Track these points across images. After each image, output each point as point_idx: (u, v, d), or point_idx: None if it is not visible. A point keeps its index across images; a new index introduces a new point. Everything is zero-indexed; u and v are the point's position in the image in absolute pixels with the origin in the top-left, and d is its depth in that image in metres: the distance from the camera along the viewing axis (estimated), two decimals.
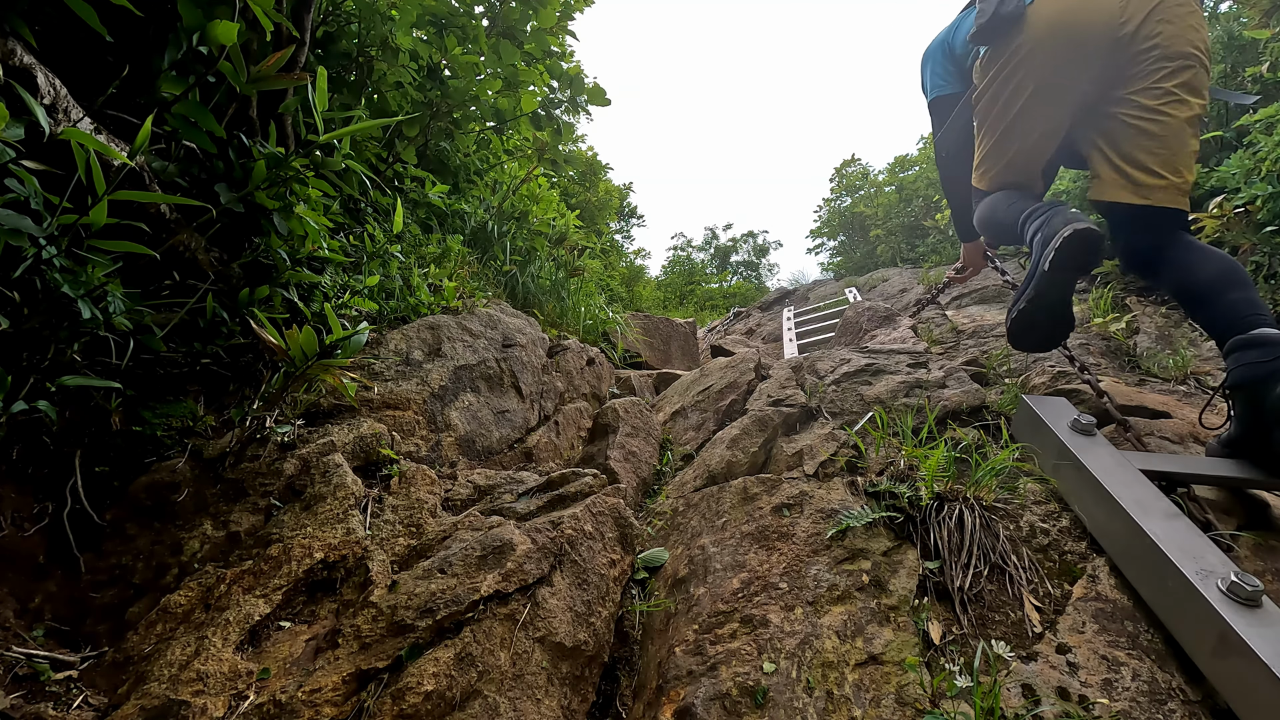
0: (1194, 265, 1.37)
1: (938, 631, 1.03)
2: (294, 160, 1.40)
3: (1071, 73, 1.46)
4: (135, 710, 0.86)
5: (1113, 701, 0.88)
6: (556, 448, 1.88)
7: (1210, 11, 4.83)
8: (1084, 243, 1.31)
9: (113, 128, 1.27)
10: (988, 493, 1.28)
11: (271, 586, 1.07)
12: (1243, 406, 1.21)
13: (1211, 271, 1.35)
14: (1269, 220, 2.42)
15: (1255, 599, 0.88)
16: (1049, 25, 1.45)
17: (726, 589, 1.16)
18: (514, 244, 2.96)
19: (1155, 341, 2.67)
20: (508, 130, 3.12)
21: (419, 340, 1.83)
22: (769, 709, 0.92)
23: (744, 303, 9.22)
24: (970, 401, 1.71)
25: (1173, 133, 1.38)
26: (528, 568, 1.09)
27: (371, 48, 2.16)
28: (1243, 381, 1.18)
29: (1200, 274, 1.36)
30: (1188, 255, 1.39)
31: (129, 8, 1.06)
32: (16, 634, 0.97)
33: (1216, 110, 3.39)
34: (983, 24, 1.54)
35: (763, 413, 1.82)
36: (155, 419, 1.27)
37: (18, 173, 0.93)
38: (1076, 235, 1.31)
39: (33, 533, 1.08)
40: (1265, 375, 1.14)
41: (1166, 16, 1.36)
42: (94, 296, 1.04)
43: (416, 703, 0.87)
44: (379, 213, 2.25)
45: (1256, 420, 1.17)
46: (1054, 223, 1.37)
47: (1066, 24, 1.43)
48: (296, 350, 1.25)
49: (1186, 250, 1.40)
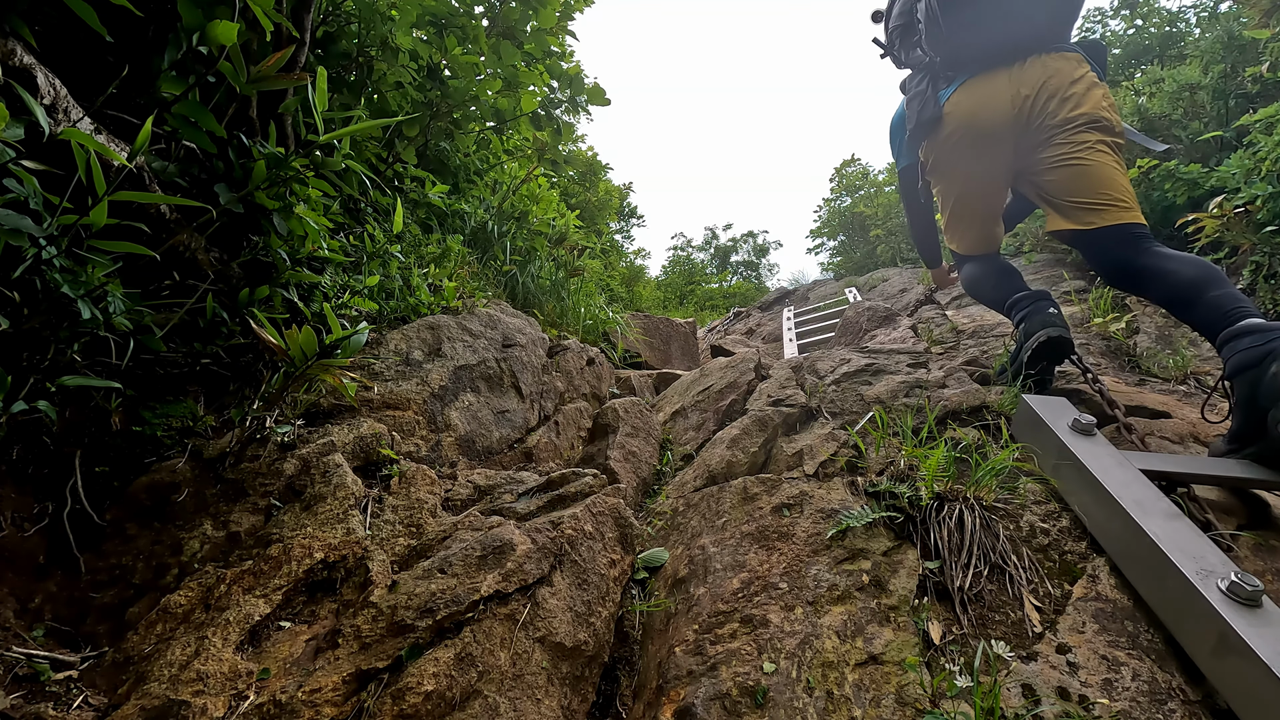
0: (1172, 272, 1.52)
1: (938, 631, 1.03)
2: (294, 160, 1.40)
3: (992, 154, 1.83)
4: (135, 710, 0.86)
5: (1113, 701, 0.88)
6: (556, 448, 1.88)
7: (1210, 11, 4.81)
8: (1055, 346, 1.66)
9: (113, 128, 1.27)
10: (988, 493, 1.28)
11: (271, 586, 1.07)
12: (1241, 392, 1.26)
13: (1190, 275, 1.48)
14: (1269, 220, 2.42)
15: (1255, 599, 0.88)
16: (962, 124, 1.84)
17: (726, 589, 1.16)
18: (514, 244, 2.96)
19: (1155, 341, 2.67)
20: (508, 130, 3.11)
21: (419, 340, 1.83)
22: (769, 709, 0.92)
23: (744, 303, 9.23)
24: (970, 401, 1.71)
25: (1091, 169, 1.69)
26: (528, 568, 1.09)
27: (371, 48, 2.16)
28: (1240, 367, 1.24)
29: (1180, 279, 1.50)
30: (1164, 264, 1.54)
31: (129, 8, 1.06)
32: (16, 634, 0.97)
33: (1216, 110, 3.40)
34: (912, 128, 1.96)
35: (763, 413, 1.82)
36: (155, 419, 1.27)
37: (17, 173, 0.93)
38: (1050, 340, 1.65)
39: (33, 533, 1.08)
40: (1260, 357, 1.20)
41: (1056, 95, 1.71)
42: (94, 296, 1.04)
43: (416, 703, 0.87)
44: (379, 213, 2.25)
45: (1254, 403, 1.21)
46: (1033, 322, 1.73)
47: (974, 122, 1.81)
48: (296, 350, 1.25)
49: (1161, 259, 1.55)
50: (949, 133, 1.89)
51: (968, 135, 1.85)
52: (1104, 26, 6.60)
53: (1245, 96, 3.31)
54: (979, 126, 1.82)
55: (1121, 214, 1.63)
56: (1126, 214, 1.63)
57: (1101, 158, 1.68)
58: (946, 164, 1.96)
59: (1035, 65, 1.76)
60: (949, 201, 2.03)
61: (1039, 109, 1.74)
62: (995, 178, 1.91)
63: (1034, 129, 1.76)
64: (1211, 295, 1.41)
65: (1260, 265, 2.52)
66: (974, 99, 1.83)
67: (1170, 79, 3.63)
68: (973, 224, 2.02)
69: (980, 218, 2.01)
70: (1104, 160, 1.68)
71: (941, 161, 1.98)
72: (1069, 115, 1.71)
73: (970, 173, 1.92)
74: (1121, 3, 6.54)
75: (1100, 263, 1.71)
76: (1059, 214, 1.74)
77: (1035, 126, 1.76)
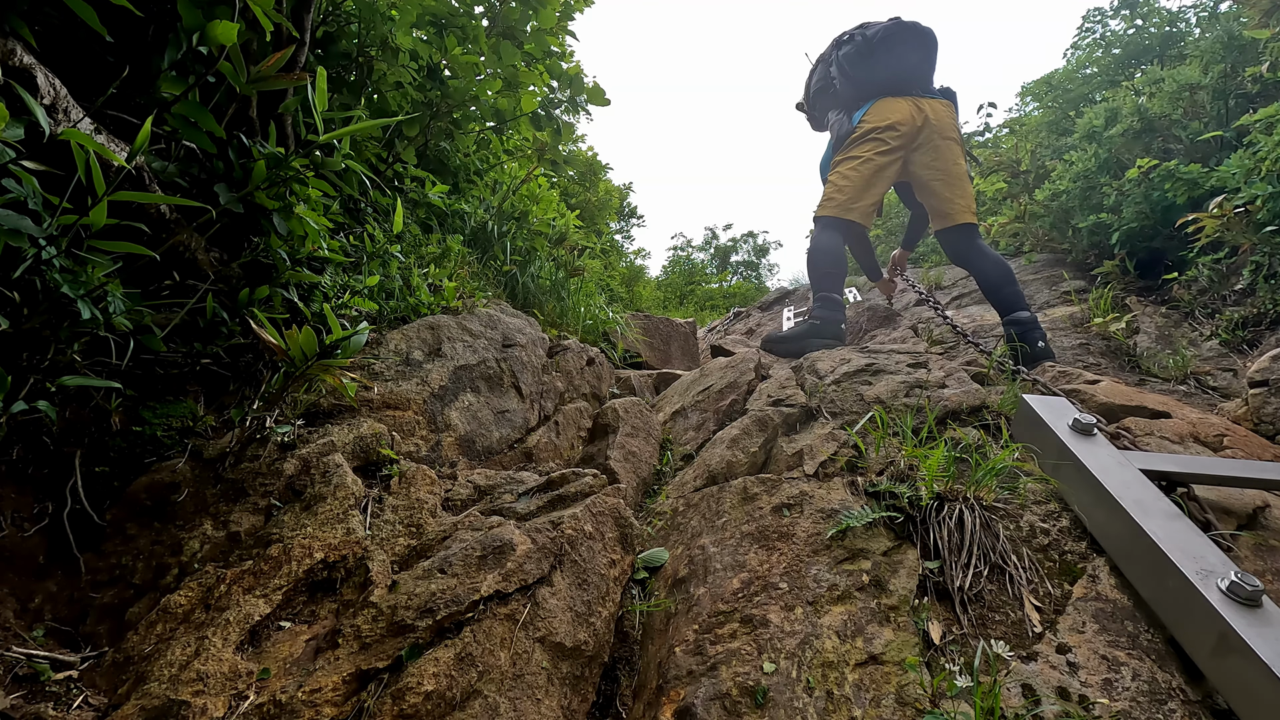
0: (986, 269, 2.48)
1: (938, 631, 1.03)
2: (294, 160, 1.40)
3: (894, 147, 2.64)
4: (135, 710, 0.86)
5: (1113, 701, 0.88)
6: (556, 448, 1.88)
7: (1210, 11, 4.84)
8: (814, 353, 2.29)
9: (113, 128, 1.27)
10: (988, 493, 1.28)
11: (271, 586, 1.07)
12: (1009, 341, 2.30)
13: (996, 273, 2.44)
14: (1269, 220, 2.42)
15: (1255, 599, 0.88)
16: (876, 124, 2.66)
17: (727, 589, 1.16)
18: (514, 244, 2.96)
19: (1155, 341, 2.67)
20: (508, 130, 3.11)
21: (419, 340, 1.83)
22: (769, 709, 0.92)
23: (744, 303, 9.21)
24: (970, 401, 1.71)
25: (958, 172, 2.60)
26: (528, 568, 1.09)
27: (371, 48, 2.16)
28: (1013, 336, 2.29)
29: (990, 275, 2.46)
30: (982, 260, 2.50)
31: (129, 8, 1.06)
32: (16, 634, 0.97)
33: (1216, 110, 3.39)
34: (834, 143, 2.91)
35: (763, 413, 1.82)
36: (155, 419, 1.27)
37: (17, 173, 0.93)
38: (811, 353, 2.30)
39: (33, 533, 1.08)
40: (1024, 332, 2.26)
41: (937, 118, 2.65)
42: (94, 297, 1.04)
43: (416, 703, 0.87)
44: (379, 213, 2.25)
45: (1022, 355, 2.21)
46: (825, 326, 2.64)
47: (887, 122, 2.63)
48: (296, 350, 1.25)
49: (980, 256, 2.51)
50: (864, 130, 2.65)
51: (881, 131, 2.61)
52: (1104, 26, 6.59)
53: (1245, 96, 3.31)
54: (892, 124, 2.60)
55: (969, 215, 2.54)
56: (971, 216, 2.54)
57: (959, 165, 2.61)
58: (858, 151, 2.66)
59: (925, 100, 2.65)
60: (850, 174, 2.66)
61: (928, 126, 2.61)
62: (889, 170, 2.65)
63: (922, 139, 2.61)
64: (1006, 290, 2.37)
65: (1260, 265, 2.52)
66: (885, 109, 2.64)
67: (1170, 79, 3.63)
68: (861, 195, 2.66)
69: (869, 192, 2.67)
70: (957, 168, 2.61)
71: (853, 149, 2.68)
72: (948, 135, 2.62)
73: (875, 158, 2.62)
74: (1121, 3, 6.54)
75: (948, 250, 2.62)
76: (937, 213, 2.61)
77: (922, 139, 2.62)
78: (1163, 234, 3.19)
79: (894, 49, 2.66)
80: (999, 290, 2.36)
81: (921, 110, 2.61)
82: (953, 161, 2.56)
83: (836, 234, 2.72)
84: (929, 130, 2.60)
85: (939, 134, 2.61)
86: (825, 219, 2.71)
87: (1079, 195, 3.67)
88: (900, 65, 2.66)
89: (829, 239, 2.71)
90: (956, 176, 2.55)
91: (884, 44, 2.66)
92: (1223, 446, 1.47)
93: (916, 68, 2.67)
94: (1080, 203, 3.66)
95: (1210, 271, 2.83)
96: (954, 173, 2.56)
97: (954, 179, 2.56)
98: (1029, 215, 4.16)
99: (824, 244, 2.71)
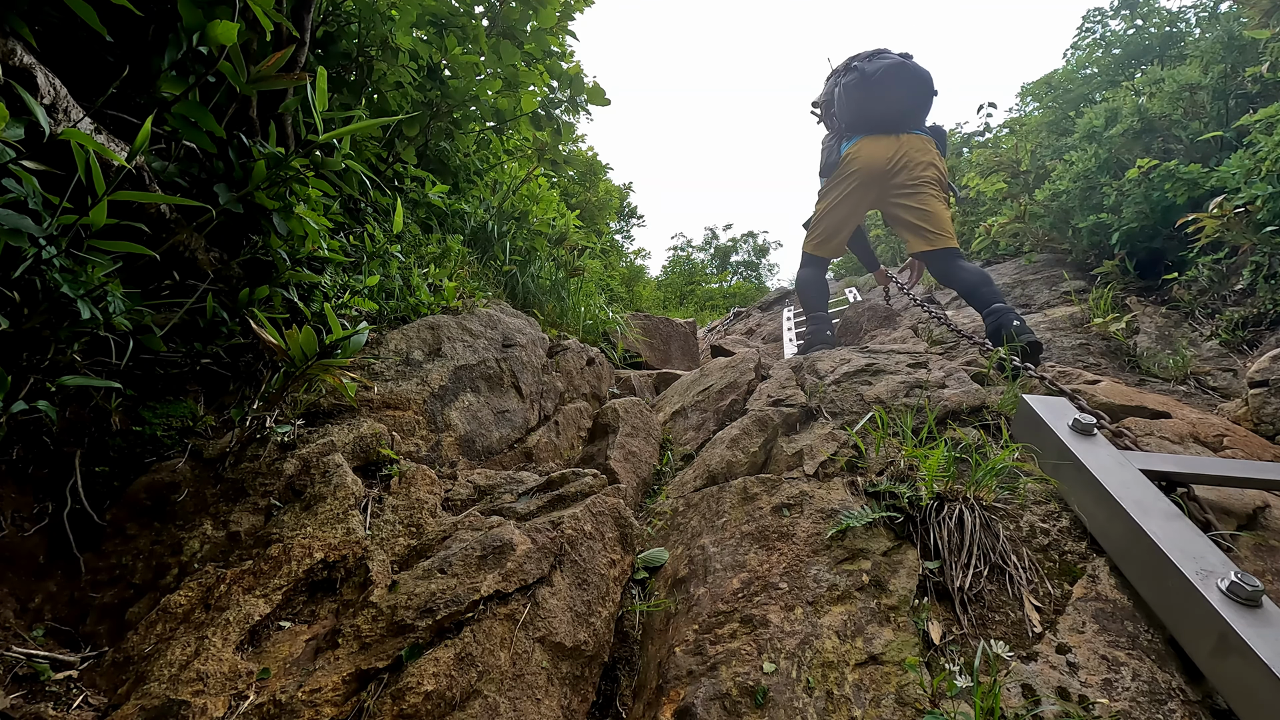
0: (965, 278, 2.65)
1: (938, 631, 1.03)
2: (294, 160, 1.40)
3: (866, 189, 2.96)
4: (135, 710, 0.86)
5: (1113, 701, 0.88)
6: (556, 448, 1.88)
7: (1210, 11, 4.84)
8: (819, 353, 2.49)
9: (113, 128, 1.27)
10: (988, 493, 1.28)
11: (271, 586, 1.07)
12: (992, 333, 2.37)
13: (974, 279, 2.62)
14: (1269, 220, 2.42)
15: (1255, 599, 0.88)
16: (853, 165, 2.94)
17: (726, 589, 1.16)
18: (514, 244, 2.96)
19: (1155, 341, 2.67)
20: (508, 130, 3.11)
21: (419, 340, 1.83)
22: (769, 709, 0.92)
23: (744, 303, 9.21)
24: (970, 401, 1.71)
25: (930, 208, 2.79)
26: (528, 568, 1.09)
27: (371, 48, 2.16)
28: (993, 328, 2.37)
29: (968, 282, 2.63)
30: (962, 274, 2.68)
31: (129, 8, 1.06)
32: (16, 634, 0.97)
33: (1216, 110, 3.39)
34: (820, 168, 3.27)
35: (763, 413, 1.82)
36: (155, 419, 1.27)
37: (17, 173, 0.93)
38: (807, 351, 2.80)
39: (33, 533, 1.08)
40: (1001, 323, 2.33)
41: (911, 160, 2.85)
42: (94, 296, 1.04)
43: (416, 703, 0.87)
44: (379, 213, 2.25)
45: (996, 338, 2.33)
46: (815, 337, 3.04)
47: (863, 168, 2.91)
48: (296, 350, 1.25)
49: (960, 270, 2.69)
50: (843, 170, 2.97)
51: (857, 174, 2.92)
52: (1104, 26, 6.59)
53: (1245, 96, 3.31)
54: (870, 164, 2.89)
55: (950, 241, 2.76)
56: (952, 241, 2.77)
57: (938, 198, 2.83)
58: (836, 190, 3.01)
59: (906, 139, 2.87)
60: (827, 214, 3.06)
61: (901, 166, 2.84)
62: (862, 207, 3.04)
63: (897, 176, 2.85)
64: (983, 291, 2.53)
65: (1260, 265, 2.52)
66: (867, 148, 2.90)
67: (1170, 79, 3.63)
68: (836, 234, 3.08)
69: (842, 231, 3.08)
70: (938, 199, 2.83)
71: (833, 187, 3.03)
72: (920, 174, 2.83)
73: (849, 197, 2.98)
74: (1121, 3, 6.53)
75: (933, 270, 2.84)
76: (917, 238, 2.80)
77: (898, 178, 2.85)
78: (1163, 234, 3.19)
79: (890, 90, 2.84)
80: (976, 290, 2.56)
81: (902, 146, 2.84)
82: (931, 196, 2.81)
83: (818, 268, 3.21)
84: (907, 168, 2.82)
85: (917, 169, 2.83)
86: (807, 255, 3.19)
87: (1079, 195, 3.67)
88: (891, 107, 2.87)
89: (811, 272, 3.19)
90: (932, 211, 2.78)
91: (880, 84, 2.85)
92: (1223, 447, 1.47)
93: (909, 110, 2.88)
94: (1080, 203, 3.66)
95: (1210, 271, 2.83)
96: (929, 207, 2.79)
97: (929, 215, 2.78)
98: (1029, 215, 4.16)
99: (806, 277, 3.20)
